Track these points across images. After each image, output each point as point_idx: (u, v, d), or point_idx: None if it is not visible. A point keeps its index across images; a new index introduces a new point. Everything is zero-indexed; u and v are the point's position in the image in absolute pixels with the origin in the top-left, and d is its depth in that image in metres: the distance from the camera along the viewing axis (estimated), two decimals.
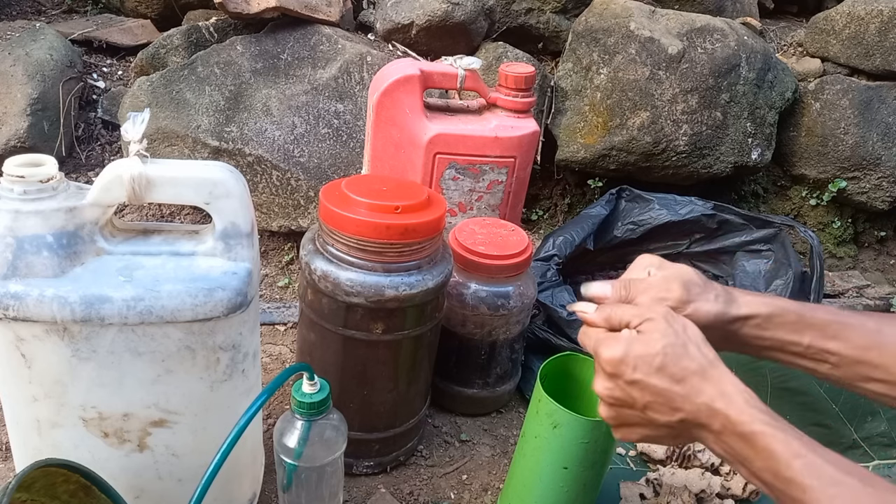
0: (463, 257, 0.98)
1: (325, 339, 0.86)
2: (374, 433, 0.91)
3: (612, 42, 1.43)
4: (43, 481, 0.61)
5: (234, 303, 0.66)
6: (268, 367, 1.14)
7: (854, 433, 0.88)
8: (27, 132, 1.34)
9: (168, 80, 1.35)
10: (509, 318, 1.01)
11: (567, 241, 1.21)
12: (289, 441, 0.73)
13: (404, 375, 0.90)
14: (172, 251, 0.68)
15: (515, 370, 1.10)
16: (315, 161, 1.36)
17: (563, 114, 1.49)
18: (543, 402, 0.70)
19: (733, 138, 1.46)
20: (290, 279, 1.37)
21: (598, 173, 1.51)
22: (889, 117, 1.55)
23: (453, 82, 1.14)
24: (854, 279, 1.60)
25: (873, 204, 1.59)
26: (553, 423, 0.69)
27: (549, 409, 0.69)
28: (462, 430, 1.06)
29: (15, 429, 0.71)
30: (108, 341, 0.64)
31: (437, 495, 0.94)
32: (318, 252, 0.83)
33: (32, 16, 1.72)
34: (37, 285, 0.61)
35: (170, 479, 0.74)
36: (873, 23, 1.54)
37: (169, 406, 0.69)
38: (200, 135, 1.33)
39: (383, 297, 0.80)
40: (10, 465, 0.91)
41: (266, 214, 1.38)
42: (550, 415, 0.69)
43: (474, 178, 1.16)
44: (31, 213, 0.60)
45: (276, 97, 1.36)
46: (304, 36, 1.41)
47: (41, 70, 1.39)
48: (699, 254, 1.33)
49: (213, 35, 1.46)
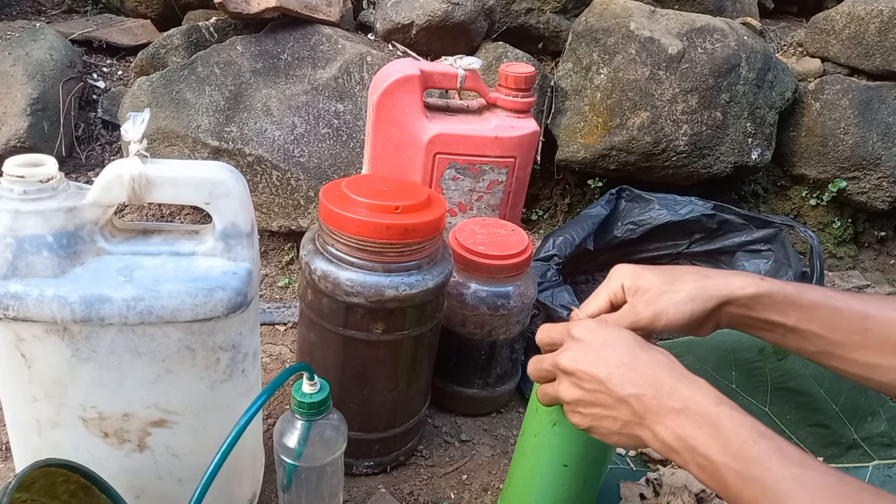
0: (463, 257, 0.98)
1: (325, 339, 0.86)
2: (374, 433, 0.91)
3: (612, 42, 1.43)
4: (43, 481, 0.61)
5: (234, 303, 0.66)
6: (268, 367, 1.14)
7: (854, 433, 0.88)
8: (27, 132, 1.35)
9: (168, 80, 1.35)
10: (509, 318, 1.01)
11: (567, 241, 1.21)
12: (289, 441, 0.73)
13: (404, 375, 0.90)
14: (172, 251, 0.68)
15: (515, 370, 1.10)
16: (315, 161, 1.36)
17: (563, 114, 1.49)
18: None
19: (733, 138, 1.46)
20: (290, 279, 1.37)
21: (598, 173, 1.51)
22: (889, 117, 1.55)
23: (453, 82, 1.14)
24: (854, 279, 1.60)
25: (873, 204, 1.59)
26: (552, 421, 0.69)
27: (549, 406, 0.69)
28: (462, 430, 1.06)
29: (15, 429, 0.71)
30: (108, 341, 0.64)
31: (437, 495, 0.94)
32: (318, 252, 0.83)
33: (32, 16, 1.72)
34: (37, 285, 0.61)
35: (170, 479, 0.74)
36: (873, 23, 1.54)
37: (169, 406, 0.69)
38: (200, 135, 1.33)
39: (383, 297, 0.80)
40: (10, 465, 0.91)
41: (266, 214, 1.38)
42: (550, 413, 0.69)
43: (474, 178, 1.16)
44: (31, 213, 0.60)
45: (276, 97, 1.36)
46: (304, 36, 1.41)
47: (41, 70, 1.39)
48: (699, 254, 1.33)
49: (213, 35, 1.46)
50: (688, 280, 0.63)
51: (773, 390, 0.89)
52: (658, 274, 0.65)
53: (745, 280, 0.63)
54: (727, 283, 0.63)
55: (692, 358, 0.89)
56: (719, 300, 0.62)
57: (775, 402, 0.89)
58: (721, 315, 0.64)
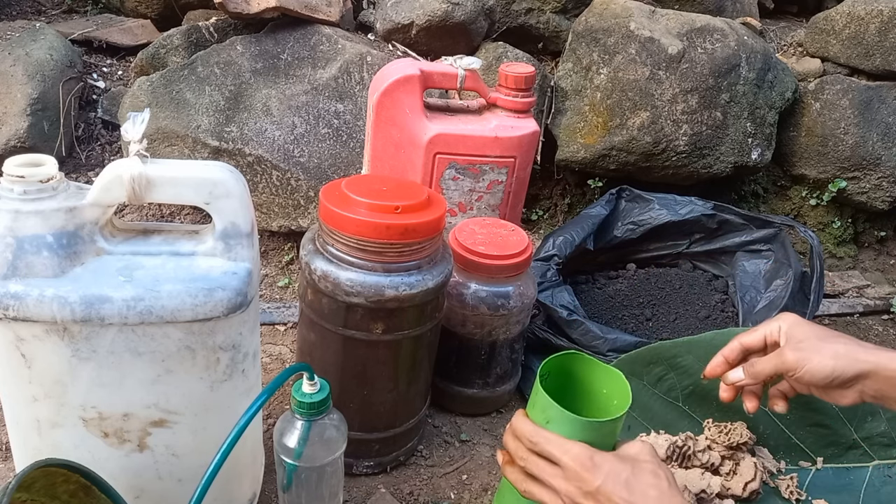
0: (463, 257, 0.98)
1: (325, 339, 0.86)
2: (374, 433, 0.91)
3: (612, 42, 1.43)
4: (43, 481, 0.61)
5: (234, 303, 0.66)
6: (268, 367, 1.14)
7: (854, 433, 0.88)
8: (27, 132, 1.34)
9: (168, 80, 1.35)
10: (509, 318, 1.01)
11: (567, 241, 1.21)
12: (289, 441, 0.73)
13: (404, 375, 0.90)
14: (172, 251, 0.68)
15: (515, 370, 1.10)
16: (315, 161, 1.36)
17: (563, 114, 1.49)
18: (539, 396, 0.69)
19: (733, 138, 1.46)
20: (290, 279, 1.37)
21: (598, 173, 1.51)
22: (889, 117, 1.55)
23: (453, 82, 1.14)
24: (854, 279, 1.60)
25: (873, 204, 1.59)
26: (546, 419, 0.69)
27: (544, 403, 0.68)
28: (462, 430, 1.06)
29: (15, 429, 0.71)
30: (108, 341, 0.64)
31: (437, 495, 0.94)
32: (318, 252, 0.83)
33: (32, 16, 1.72)
34: (37, 285, 0.61)
35: (170, 479, 0.74)
36: (873, 23, 1.54)
37: (169, 406, 0.69)
38: (200, 135, 1.33)
39: (383, 297, 0.80)
40: (10, 465, 0.91)
41: (266, 214, 1.38)
42: (544, 409, 0.68)
43: (474, 178, 1.16)
44: (31, 213, 0.60)
45: (276, 97, 1.36)
46: (304, 36, 1.41)
47: (41, 70, 1.39)
48: (699, 254, 1.33)
49: (213, 35, 1.46)
50: (842, 341, 0.66)
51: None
52: (817, 329, 0.68)
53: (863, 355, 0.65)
54: (878, 355, 0.64)
55: (692, 358, 0.89)
56: (865, 366, 0.64)
57: None
58: (866, 386, 0.65)
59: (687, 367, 0.89)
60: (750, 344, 0.73)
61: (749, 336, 0.73)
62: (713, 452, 0.86)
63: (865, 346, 0.66)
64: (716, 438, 0.87)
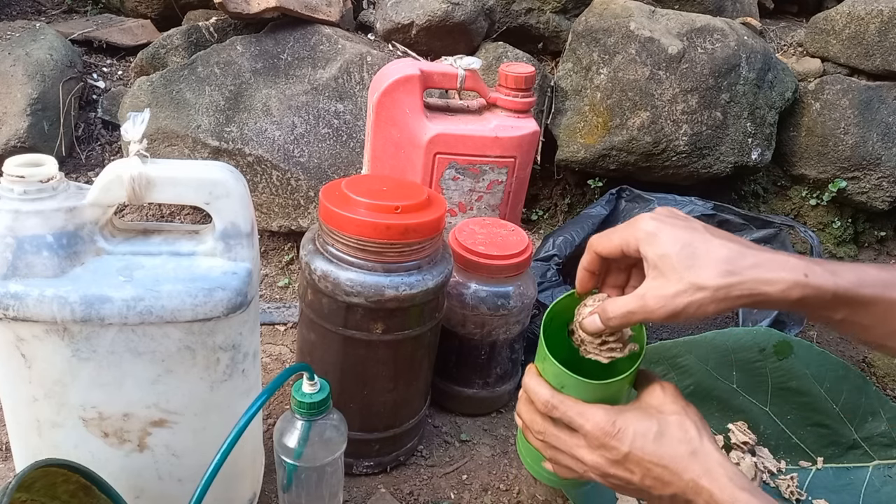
0: (463, 257, 0.98)
1: (325, 339, 0.86)
2: (374, 433, 0.91)
3: (612, 42, 1.43)
4: (43, 481, 0.61)
5: (234, 303, 0.66)
6: (268, 367, 1.14)
7: (854, 433, 0.88)
8: (27, 132, 1.35)
9: (168, 80, 1.35)
10: (509, 318, 1.01)
11: (567, 241, 1.21)
12: (289, 441, 0.73)
13: (404, 375, 0.90)
14: (172, 251, 0.68)
15: (515, 370, 1.10)
16: (315, 161, 1.36)
17: (563, 114, 1.49)
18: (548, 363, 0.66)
19: (733, 138, 1.46)
20: (290, 279, 1.37)
21: (598, 173, 1.51)
22: (889, 117, 1.55)
23: (453, 82, 1.14)
24: None
25: (873, 204, 1.59)
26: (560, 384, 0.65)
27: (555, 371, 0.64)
28: (462, 430, 1.06)
29: (15, 429, 0.71)
30: (108, 341, 0.64)
31: (437, 495, 0.94)
32: (318, 252, 0.83)
33: (32, 16, 1.72)
34: (37, 285, 0.61)
35: (170, 479, 0.74)
36: (873, 23, 1.54)
37: (169, 406, 0.69)
38: (200, 135, 1.33)
39: (383, 297, 0.80)
40: (10, 465, 0.91)
41: (266, 214, 1.38)
42: (557, 376, 0.65)
43: (474, 178, 1.16)
44: (31, 213, 0.60)
45: (276, 97, 1.36)
46: (304, 36, 1.41)
47: (41, 70, 1.39)
48: None
49: (213, 35, 1.46)
50: (715, 264, 0.55)
51: (774, 390, 0.89)
52: (682, 236, 0.57)
53: (787, 278, 0.54)
54: (762, 282, 0.55)
55: (693, 357, 0.89)
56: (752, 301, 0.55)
57: (776, 402, 0.89)
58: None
59: (687, 367, 0.89)
60: (607, 254, 0.63)
61: (604, 245, 0.62)
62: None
63: (744, 263, 0.55)
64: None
